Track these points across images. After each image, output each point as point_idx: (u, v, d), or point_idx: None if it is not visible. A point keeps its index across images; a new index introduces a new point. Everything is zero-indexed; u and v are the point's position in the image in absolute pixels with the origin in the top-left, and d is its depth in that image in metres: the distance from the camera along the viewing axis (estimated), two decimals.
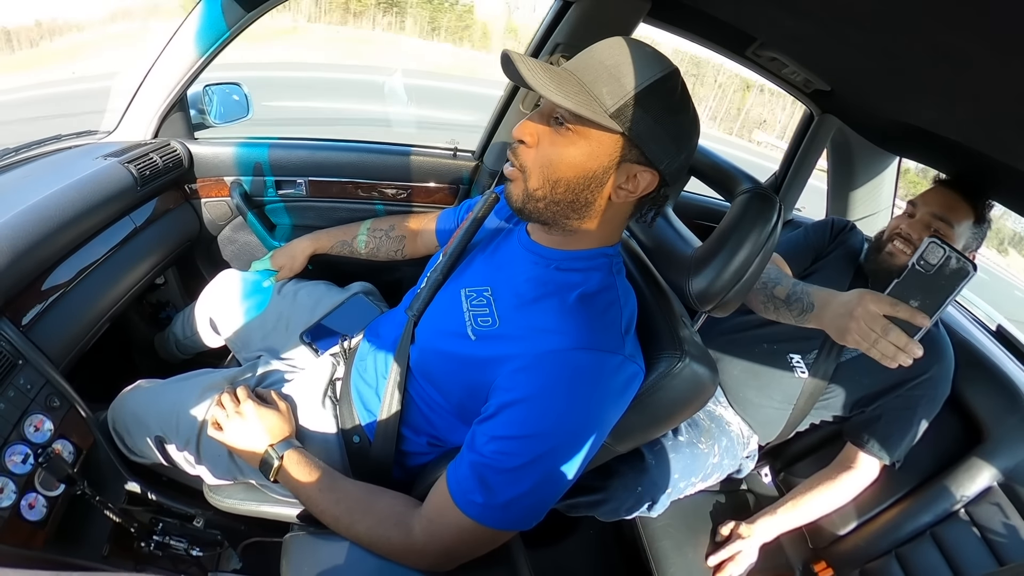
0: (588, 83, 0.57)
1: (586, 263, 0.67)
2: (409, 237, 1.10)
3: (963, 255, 0.63)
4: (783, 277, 0.92)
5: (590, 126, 0.58)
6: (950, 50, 0.56)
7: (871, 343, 0.70)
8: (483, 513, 0.58)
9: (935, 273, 0.65)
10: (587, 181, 0.60)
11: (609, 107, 0.56)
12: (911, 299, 0.67)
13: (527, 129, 0.61)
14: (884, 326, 0.68)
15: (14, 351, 0.75)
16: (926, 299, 0.66)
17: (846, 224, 1.23)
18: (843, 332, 0.74)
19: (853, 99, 1.21)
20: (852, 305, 0.72)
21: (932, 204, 1.01)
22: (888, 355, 0.69)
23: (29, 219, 0.80)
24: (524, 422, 0.58)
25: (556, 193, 0.61)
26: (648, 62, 0.57)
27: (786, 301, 0.88)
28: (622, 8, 1.10)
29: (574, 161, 0.59)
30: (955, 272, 0.64)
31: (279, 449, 0.74)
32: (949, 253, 0.64)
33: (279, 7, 1.08)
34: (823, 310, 0.80)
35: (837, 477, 1.05)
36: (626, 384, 0.61)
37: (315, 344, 0.97)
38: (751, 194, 0.70)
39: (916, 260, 0.66)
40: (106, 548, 0.82)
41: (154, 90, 1.11)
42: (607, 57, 0.58)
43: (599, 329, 0.61)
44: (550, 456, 0.58)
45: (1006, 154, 0.77)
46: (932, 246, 0.65)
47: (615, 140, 0.58)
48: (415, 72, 10.57)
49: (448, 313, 0.72)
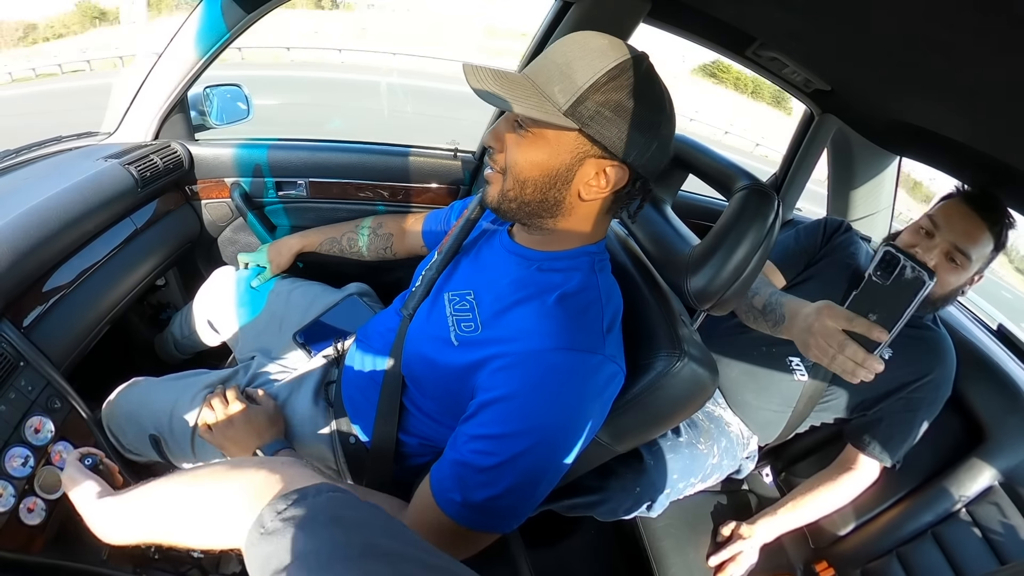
0: (541, 84, 0.58)
1: (567, 263, 0.67)
2: (398, 235, 1.10)
3: (919, 264, 0.61)
4: (763, 286, 0.92)
5: (545, 127, 0.59)
6: (950, 49, 0.56)
7: (829, 359, 0.69)
8: (461, 512, 0.58)
9: (892, 283, 0.63)
10: (552, 180, 0.61)
11: (562, 105, 0.57)
12: (869, 312, 0.65)
13: (493, 135, 0.64)
14: (841, 341, 0.67)
15: (15, 353, 0.75)
16: (884, 311, 0.64)
17: (839, 224, 1.18)
18: (805, 347, 0.73)
19: (853, 99, 1.21)
20: (811, 319, 0.72)
21: (956, 230, 0.93)
22: (847, 371, 0.67)
23: (30, 221, 0.80)
24: (502, 421, 0.58)
25: (525, 193, 0.62)
26: (601, 53, 0.57)
27: (763, 311, 0.87)
28: (622, 8, 1.10)
29: (536, 161, 0.61)
30: (911, 282, 0.62)
31: (268, 450, 0.74)
32: (904, 262, 0.62)
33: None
34: (792, 321, 0.79)
35: (838, 478, 1.05)
36: (605, 384, 0.61)
37: (308, 345, 0.97)
38: (749, 191, 0.69)
39: (872, 270, 0.64)
40: (106, 551, 0.81)
41: (154, 91, 1.11)
42: (559, 55, 0.59)
43: (578, 329, 0.61)
44: (528, 455, 0.57)
45: (1007, 153, 0.77)
46: (888, 255, 0.63)
47: (574, 137, 0.59)
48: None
49: (434, 317, 0.72)
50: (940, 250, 0.94)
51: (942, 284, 0.96)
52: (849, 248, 1.13)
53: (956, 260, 0.94)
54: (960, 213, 0.95)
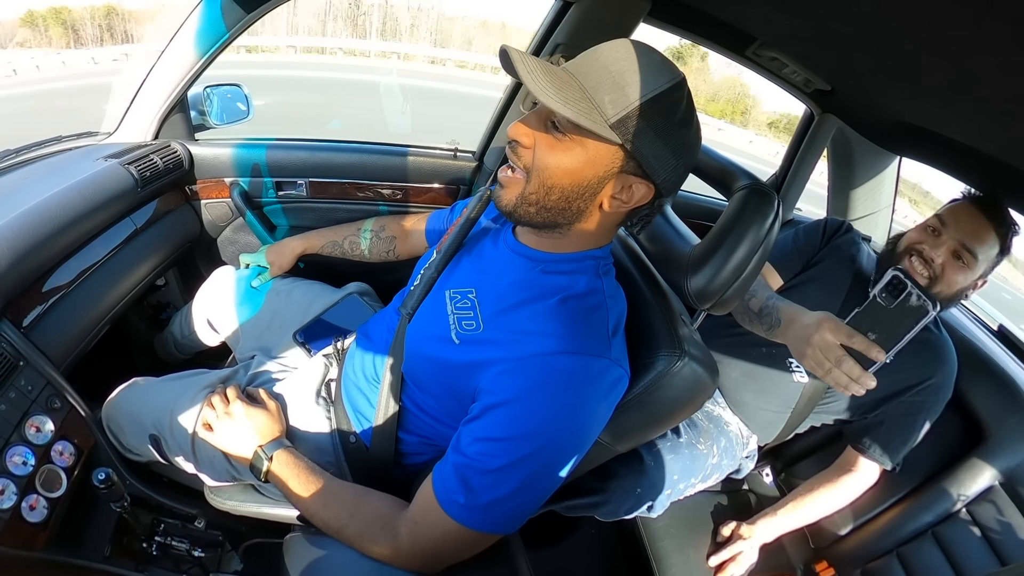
0: (590, 89, 0.54)
1: (572, 266, 0.66)
2: (400, 237, 1.10)
3: (925, 293, 0.62)
4: (760, 289, 0.91)
5: (588, 136, 0.55)
6: (950, 48, 0.56)
7: (824, 371, 0.70)
8: (464, 514, 0.58)
9: (895, 308, 0.63)
10: (581, 190, 0.59)
11: (610, 117, 0.54)
12: (869, 331, 0.66)
13: (522, 131, 0.59)
14: (839, 356, 0.67)
15: (15, 352, 0.75)
16: (883, 333, 0.65)
17: (840, 225, 1.17)
18: (801, 356, 0.74)
19: (853, 98, 1.21)
20: (811, 331, 0.72)
21: (963, 230, 0.94)
22: (841, 384, 0.68)
23: (30, 220, 0.80)
24: (508, 424, 0.58)
25: (550, 200, 0.60)
26: (656, 71, 0.54)
27: (758, 314, 0.87)
28: (622, 8, 1.10)
29: (569, 169, 0.57)
30: (915, 310, 0.62)
31: (268, 450, 0.74)
32: (911, 289, 0.62)
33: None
34: (788, 328, 0.79)
35: (838, 480, 1.05)
36: (611, 387, 0.61)
37: (308, 344, 0.97)
38: (748, 190, 0.69)
39: (878, 292, 0.65)
40: (107, 549, 0.82)
41: (154, 91, 1.11)
42: (612, 62, 0.55)
43: (584, 332, 0.60)
44: (533, 458, 0.57)
45: (1007, 152, 0.77)
46: (895, 279, 0.63)
47: (613, 151, 0.56)
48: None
49: (434, 316, 0.71)
50: (947, 248, 0.95)
51: (948, 283, 0.96)
52: (849, 250, 1.12)
53: (963, 259, 0.95)
54: (968, 213, 0.96)
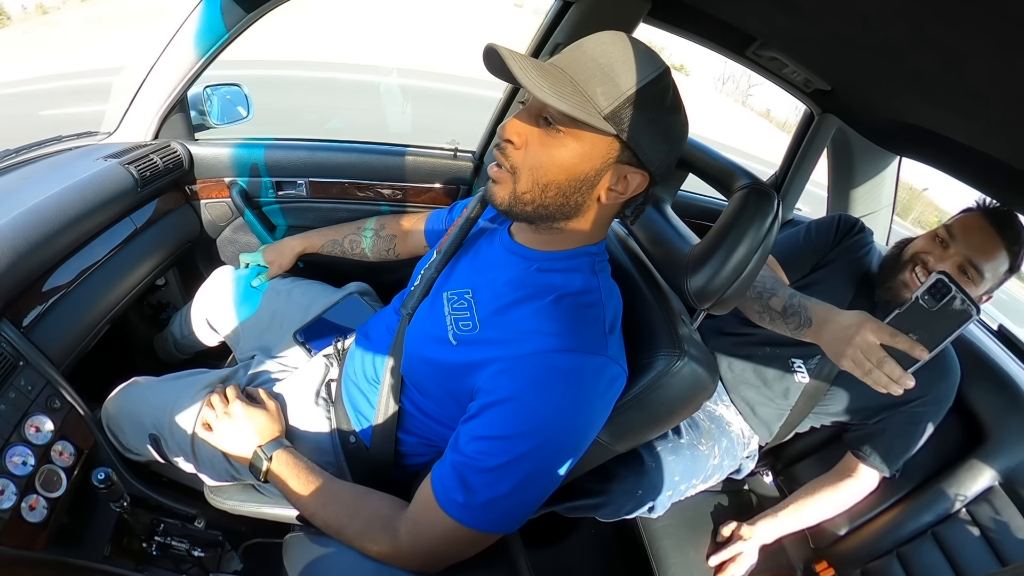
0: (581, 82, 0.55)
1: (567, 263, 0.66)
2: (400, 236, 1.10)
3: (968, 297, 0.61)
4: (779, 286, 0.89)
5: (583, 128, 0.55)
6: (951, 48, 0.56)
7: (865, 372, 0.69)
8: (463, 513, 0.58)
9: (938, 311, 0.63)
10: (578, 184, 0.59)
11: (604, 108, 0.54)
12: (910, 332, 0.66)
13: (514, 128, 0.58)
14: (880, 357, 0.67)
15: (15, 352, 0.75)
16: (925, 334, 0.65)
17: (854, 224, 1.12)
18: (839, 356, 0.73)
19: (853, 98, 1.21)
20: (851, 332, 0.71)
21: (972, 244, 0.92)
22: (880, 384, 0.68)
23: (30, 220, 0.80)
24: (506, 423, 0.58)
25: (546, 197, 0.59)
26: (642, 60, 0.55)
27: (782, 313, 0.85)
28: (622, 8, 1.10)
29: (566, 164, 0.57)
30: (958, 313, 0.62)
31: (268, 450, 0.74)
32: (955, 293, 0.62)
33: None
34: (821, 328, 0.78)
35: (838, 484, 1.05)
36: (608, 385, 0.61)
37: (308, 344, 0.97)
38: (748, 190, 0.69)
39: (920, 295, 0.65)
40: (107, 549, 0.82)
41: (154, 91, 1.11)
42: (600, 55, 0.55)
43: (581, 330, 0.60)
44: (531, 457, 0.57)
45: (1007, 153, 0.77)
46: (940, 283, 0.63)
47: (608, 142, 0.57)
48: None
49: (432, 317, 0.71)
50: (953, 262, 0.92)
51: None
52: (860, 251, 1.09)
53: (968, 274, 0.92)
54: (979, 227, 0.93)
